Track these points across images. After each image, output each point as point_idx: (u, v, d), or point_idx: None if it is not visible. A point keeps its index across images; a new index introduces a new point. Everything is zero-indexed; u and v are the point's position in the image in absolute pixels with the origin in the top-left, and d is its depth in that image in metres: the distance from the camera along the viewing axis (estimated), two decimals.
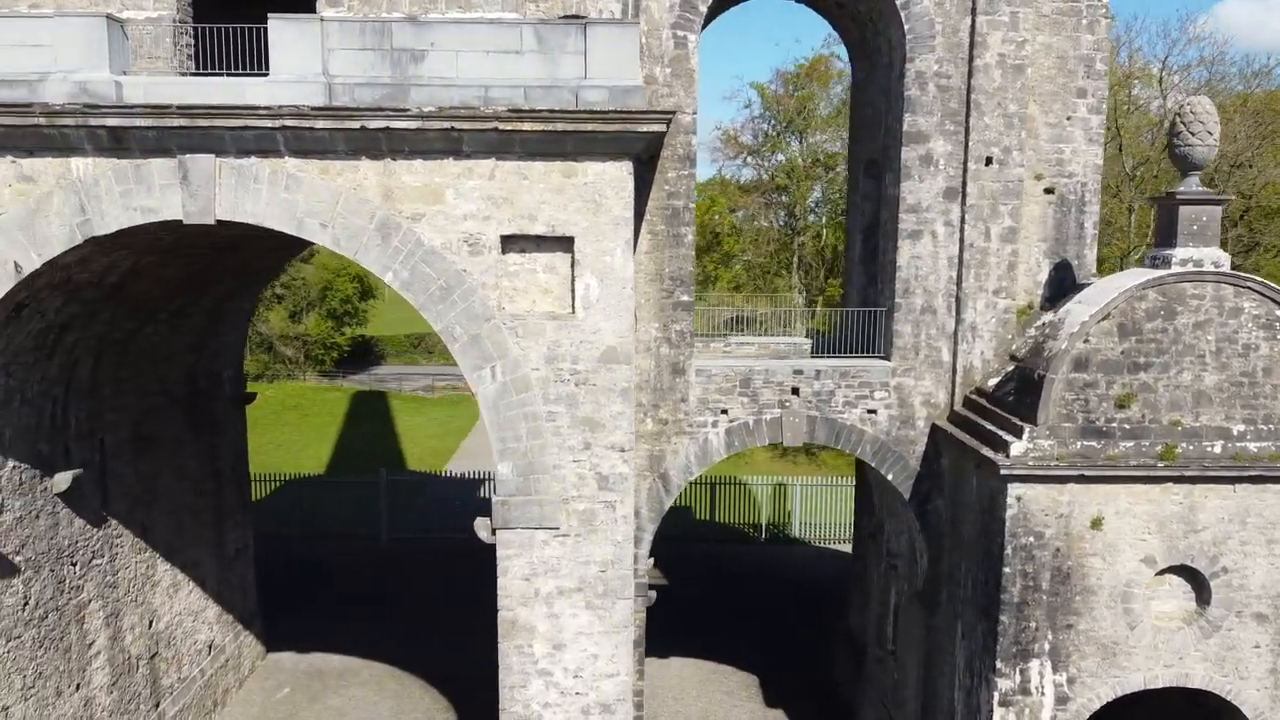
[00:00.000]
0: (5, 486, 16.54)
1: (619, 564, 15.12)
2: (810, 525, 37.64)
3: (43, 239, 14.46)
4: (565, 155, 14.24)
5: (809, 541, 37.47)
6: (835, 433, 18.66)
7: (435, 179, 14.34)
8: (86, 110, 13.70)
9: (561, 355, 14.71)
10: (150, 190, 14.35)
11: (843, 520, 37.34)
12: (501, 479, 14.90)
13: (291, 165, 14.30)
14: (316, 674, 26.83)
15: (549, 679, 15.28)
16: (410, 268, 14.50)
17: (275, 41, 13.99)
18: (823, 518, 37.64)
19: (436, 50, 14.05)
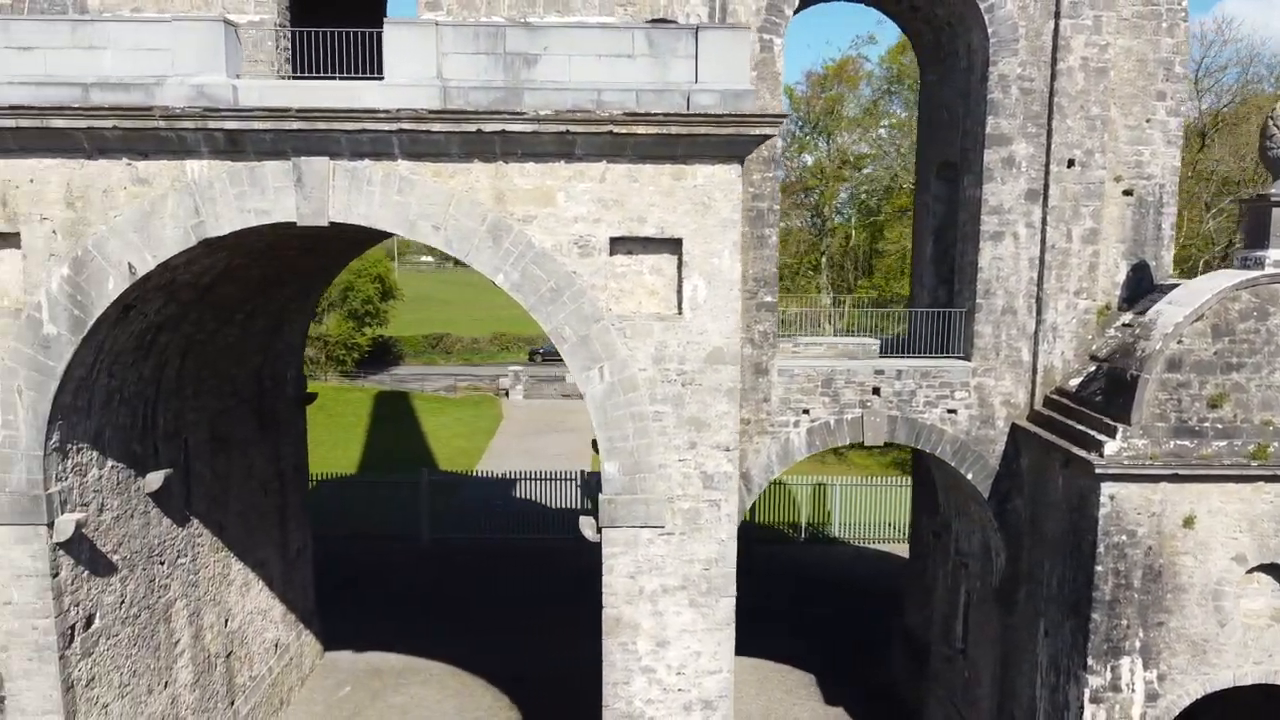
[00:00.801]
0: (105, 486, 16.69)
1: (722, 562, 15.29)
2: (849, 525, 37.80)
3: (157, 240, 14.61)
4: (676, 158, 14.41)
5: (848, 541, 37.64)
6: (915, 432, 18.83)
7: (547, 181, 14.50)
8: (206, 114, 13.85)
9: (668, 356, 14.87)
10: (264, 192, 14.50)
11: (881, 520, 37.57)
12: (608, 478, 15.06)
13: (404, 168, 14.45)
14: (375, 673, 26.98)
15: (652, 676, 15.44)
16: (521, 270, 14.66)
17: (390, 45, 14.14)
18: (862, 517, 37.82)
19: (549, 54, 14.21)
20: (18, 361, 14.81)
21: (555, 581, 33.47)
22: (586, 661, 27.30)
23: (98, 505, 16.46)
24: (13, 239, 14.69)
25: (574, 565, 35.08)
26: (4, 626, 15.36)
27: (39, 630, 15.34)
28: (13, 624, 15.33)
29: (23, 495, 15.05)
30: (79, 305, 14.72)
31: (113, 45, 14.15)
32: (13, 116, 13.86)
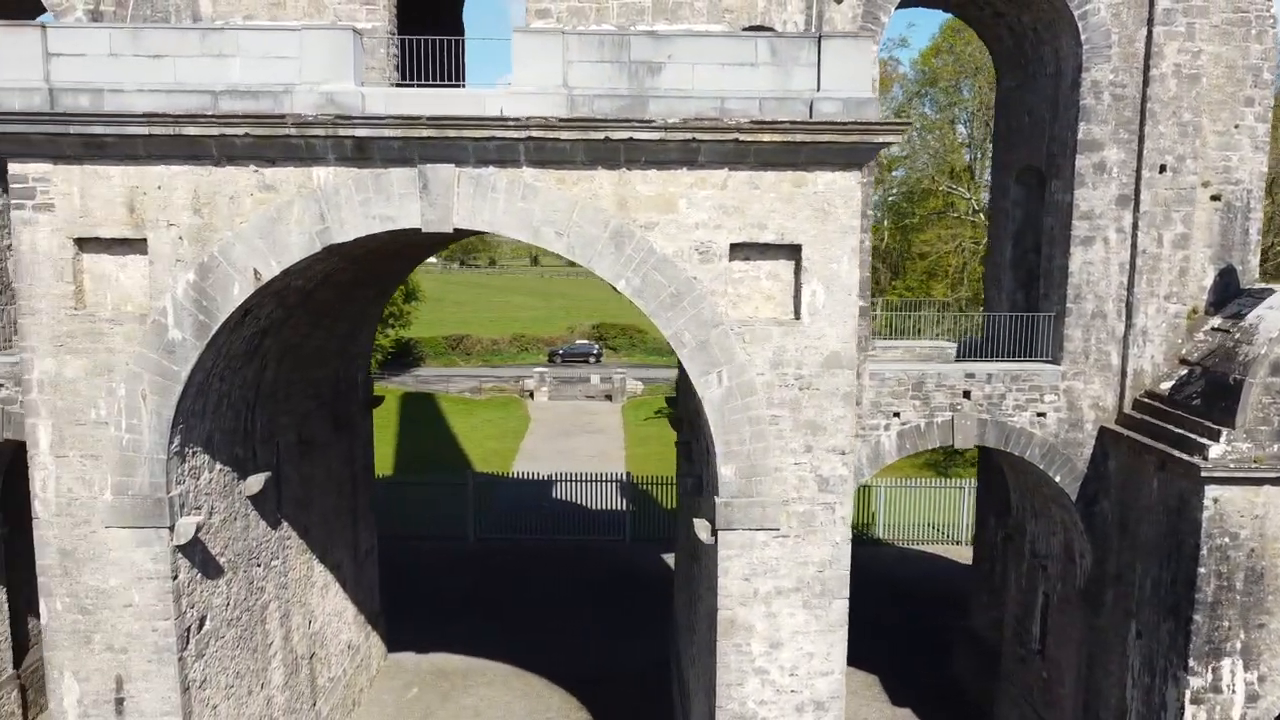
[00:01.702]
0: (214, 489, 16.84)
1: (837, 564, 15.45)
2: (892, 527, 37.99)
3: (282, 246, 14.76)
4: (797, 165, 14.57)
5: (891, 543, 37.81)
6: (1005, 435, 18.99)
7: (669, 188, 14.65)
8: (338, 121, 14.00)
9: (786, 360, 15.04)
10: (389, 199, 14.65)
11: (924, 521, 37.75)
12: (724, 481, 15.22)
13: (529, 175, 14.60)
14: (440, 674, 27.12)
15: (765, 677, 15.60)
16: (642, 275, 14.81)
17: (518, 53, 14.30)
18: (905, 519, 37.99)
19: (673, 63, 14.36)
20: (143, 366, 14.95)
21: (600, 582, 33.66)
22: (647, 662, 27.59)
23: (208, 508, 16.61)
24: (139, 245, 14.83)
25: (616, 566, 35.34)
26: (124, 629, 15.50)
27: (159, 632, 15.49)
28: (133, 626, 15.48)
29: (146, 498, 15.20)
30: (204, 310, 14.87)
31: (242, 53, 14.29)
32: (147, 124, 14.01)
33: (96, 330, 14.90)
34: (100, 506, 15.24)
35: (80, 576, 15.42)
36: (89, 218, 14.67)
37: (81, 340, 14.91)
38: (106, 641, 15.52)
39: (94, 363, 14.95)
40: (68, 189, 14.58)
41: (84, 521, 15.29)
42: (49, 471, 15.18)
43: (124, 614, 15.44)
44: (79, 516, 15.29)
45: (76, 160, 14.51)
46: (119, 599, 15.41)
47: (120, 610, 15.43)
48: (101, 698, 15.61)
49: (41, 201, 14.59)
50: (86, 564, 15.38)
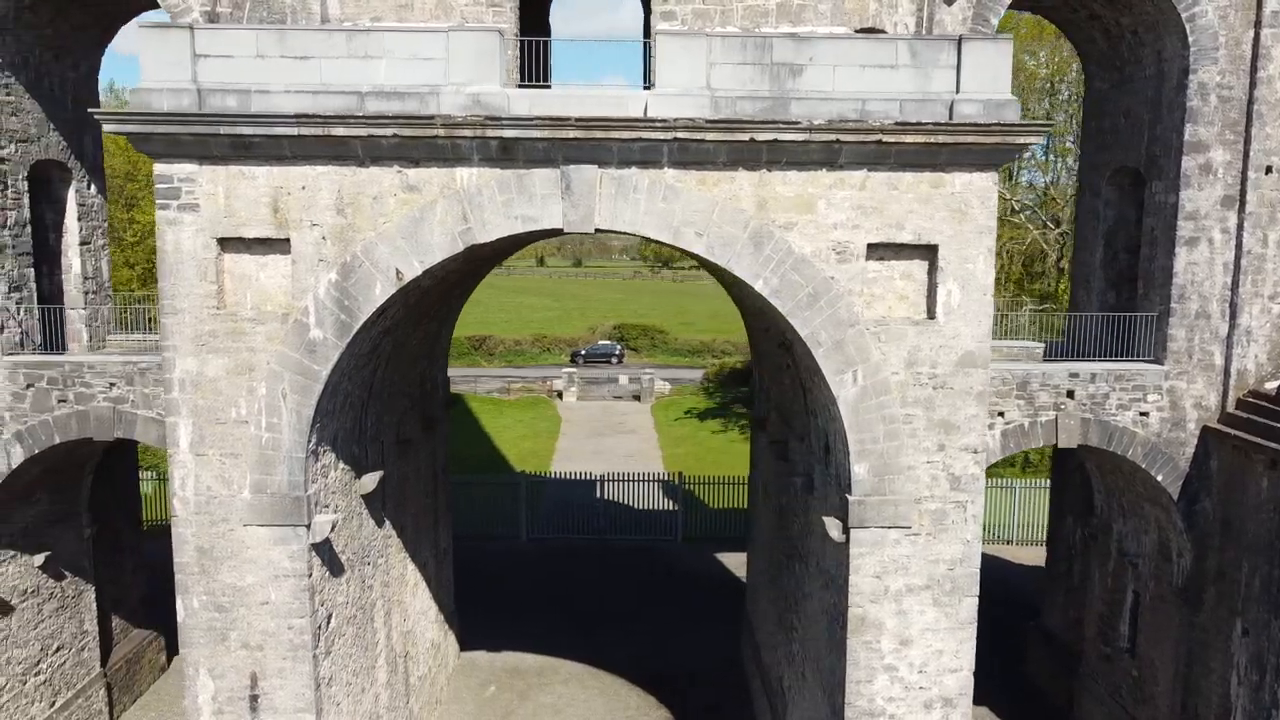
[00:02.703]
0: (337, 488, 16.96)
1: (967, 562, 15.58)
2: None
3: (425, 247, 14.87)
4: (936, 166, 14.71)
5: None
6: (1108, 435, 19.13)
7: (809, 189, 14.79)
8: (486, 122, 14.12)
9: (921, 360, 15.17)
10: (531, 199, 14.77)
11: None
12: (857, 480, 15.34)
13: (670, 176, 14.73)
14: (515, 672, 27.24)
15: (894, 674, 15.73)
16: (780, 276, 14.94)
17: (661, 55, 14.42)
18: None
19: (814, 65, 14.50)
20: (283, 365, 15.06)
21: (656, 582, 33.79)
22: (718, 660, 27.72)
23: (334, 507, 16.72)
24: (282, 245, 14.94)
25: (670, 566, 35.48)
26: (259, 626, 15.61)
27: (294, 630, 15.59)
28: (269, 624, 15.58)
29: (284, 497, 15.30)
30: (345, 310, 14.98)
31: (388, 55, 14.41)
32: (296, 125, 14.11)
33: (238, 330, 15.00)
34: (239, 505, 15.35)
35: (217, 574, 15.52)
36: (233, 218, 14.78)
37: (223, 339, 15.02)
38: (242, 639, 15.63)
39: (235, 362, 15.05)
40: (213, 189, 14.69)
41: (222, 520, 15.40)
42: (188, 470, 15.28)
43: (260, 611, 15.54)
44: (217, 515, 15.39)
45: (222, 161, 14.62)
46: (255, 596, 15.52)
47: (256, 608, 15.54)
48: (236, 695, 15.71)
49: (186, 201, 14.69)
50: (224, 562, 15.49)
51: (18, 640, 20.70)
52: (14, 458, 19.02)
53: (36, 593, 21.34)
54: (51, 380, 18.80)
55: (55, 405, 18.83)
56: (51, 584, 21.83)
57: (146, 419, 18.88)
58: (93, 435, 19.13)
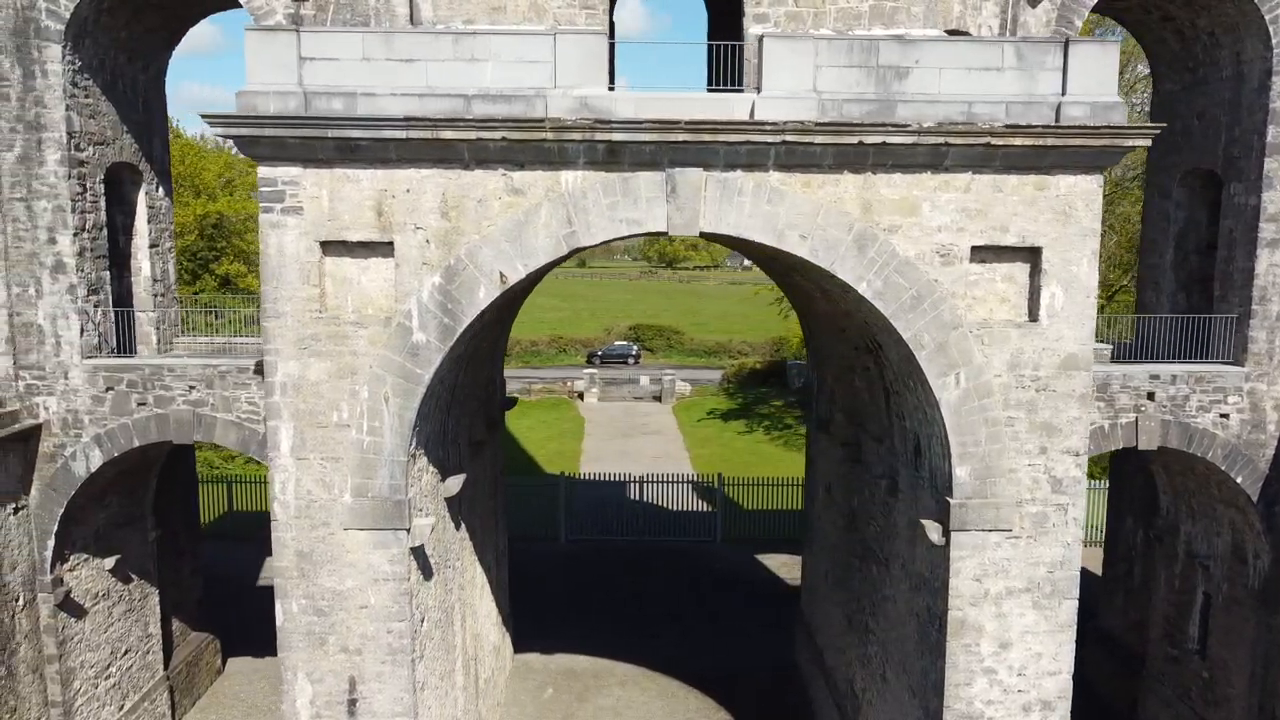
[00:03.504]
0: (427, 491, 16.92)
1: (1067, 565, 15.57)
2: None
3: (529, 250, 14.85)
4: (1041, 169, 14.69)
5: None
6: (1188, 437, 19.11)
7: (913, 192, 14.77)
8: (595, 125, 14.09)
9: (1023, 362, 15.15)
10: (636, 203, 14.75)
11: None
12: (958, 483, 15.32)
13: (775, 179, 14.71)
14: (570, 674, 27.20)
15: (993, 677, 15.71)
16: (884, 278, 14.92)
17: (769, 58, 14.40)
18: None
19: (920, 67, 14.48)
20: (386, 369, 15.03)
21: (700, 583, 33.77)
22: (773, 662, 27.70)
23: (426, 510, 16.69)
24: (385, 248, 14.91)
25: (711, 567, 35.47)
26: (359, 630, 15.57)
27: (393, 634, 15.56)
28: (368, 628, 15.55)
29: (385, 501, 15.27)
30: (449, 313, 14.95)
31: (494, 58, 14.38)
32: (405, 128, 14.08)
33: (341, 333, 14.97)
34: (339, 509, 15.31)
35: (317, 578, 15.49)
36: (337, 221, 14.74)
37: (325, 343, 14.99)
38: (341, 643, 15.60)
39: (338, 365, 15.02)
40: (316, 192, 14.65)
41: (322, 524, 15.36)
42: (289, 474, 15.25)
43: (359, 615, 15.51)
44: (317, 519, 15.36)
45: (326, 164, 14.58)
46: (355, 600, 15.49)
47: (356, 612, 15.51)
48: (334, 699, 15.68)
49: (290, 205, 14.66)
50: (323, 566, 15.45)
51: (90, 644, 20.67)
52: (93, 461, 18.98)
53: (107, 596, 21.31)
54: (131, 383, 18.76)
55: (135, 408, 18.80)
56: (120, 587, 21.79)
57: (226, 422, 18.84)
58: (172, 439, 19.10)
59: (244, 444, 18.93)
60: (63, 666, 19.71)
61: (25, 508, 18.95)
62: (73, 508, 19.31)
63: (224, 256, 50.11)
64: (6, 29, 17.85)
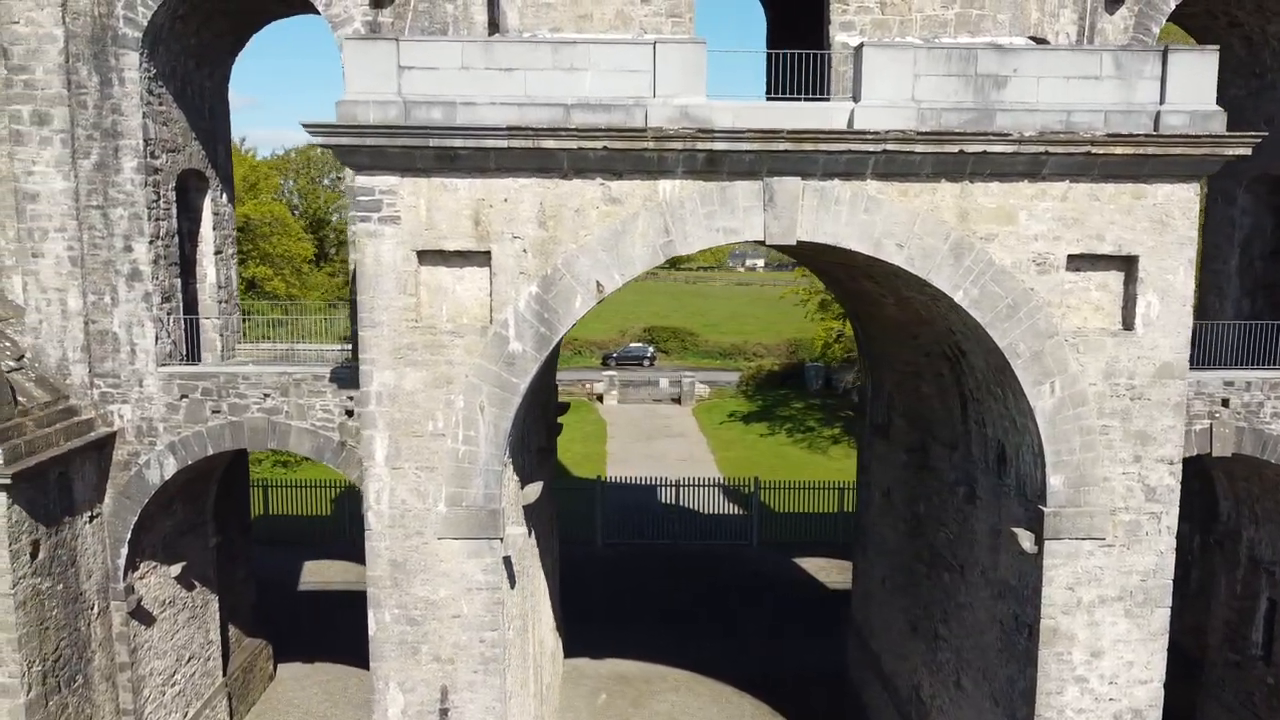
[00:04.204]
0: (512, 499, 16.90)
1: (1160, 573, 15.58)
2: None
3: (626, 259, 14.83)
4: (1139, 177, 14.69)
5: None
6: (1262, 444, 19.11)
7: (1010, 200, 14.77)
8: (697, 135, 14.07)
9: (1119, 370, 15.15)
10: (733, 212, 14.74)
11: None
12: (1052, 491, 15.32)
13: (873, 187, 14.70)
14: (622, 679, 27.19)
15: (1084, 685, 15.71)
16: (980, 287, 14.92)
17: (868, 67, 14.40)
18: None
19: (1018, 76, 14.48)
20: (482, 378, 15.01)
21: (742, 587, 33.73)
22: (824, 666, 27.69)
23: (512, 518, 16.66)
24: (481, 257, 14.90)
25: (751, 571, 35.45)
26: (451, 639, 15.56)
27: (486, 643, 15.55)
28: (460, 637, 15.53)
29: (480, 510, 15.26)
30: (545, 323, 14.94)
31: (593, 67, 14.37)
32: (507, 137, 14.06)
33: (437, 342, 14.95)
34: (433, 518, 15.30)
35: (410, 588, 15.47)
36: (434, 230, 14.73)
37: (421, 352, 14.97)
38: (433, 652, 15.58)
39: (433, 375, 15.00)
40: (414, 201, 14.64)
41: (416, 533, 15.34)
42: (383, 483, 15.23)
43: (452, 625, 15.50)
44: (411, 528, 15.34)
45: (424, 173, 14.57)
46: (448, 610, 15.47)
47: (448, 621, 15.49)
48: (425, 709, 15.67)
49: (388, 214, 14.64)
50: (417, 575, 15.44)
51: (158, 651, 20.65)
52: (167, 469, 18.96)
53: (172, 603, 21.29)
54: (206, 391, 18.74)
55: (209, 416, 18.78)
56: (184, 594, 21.78)
57: (300, 430, 18.82)
58: (246, 446, 19.10)
59: (318, 451, 18.91)
60: (134, 674, 19.69)
61: (99, 516, 18.92)
62: (144, 515, 19.28)
63: (249, 260, 50.07)
64: (84, 37, 17.82)
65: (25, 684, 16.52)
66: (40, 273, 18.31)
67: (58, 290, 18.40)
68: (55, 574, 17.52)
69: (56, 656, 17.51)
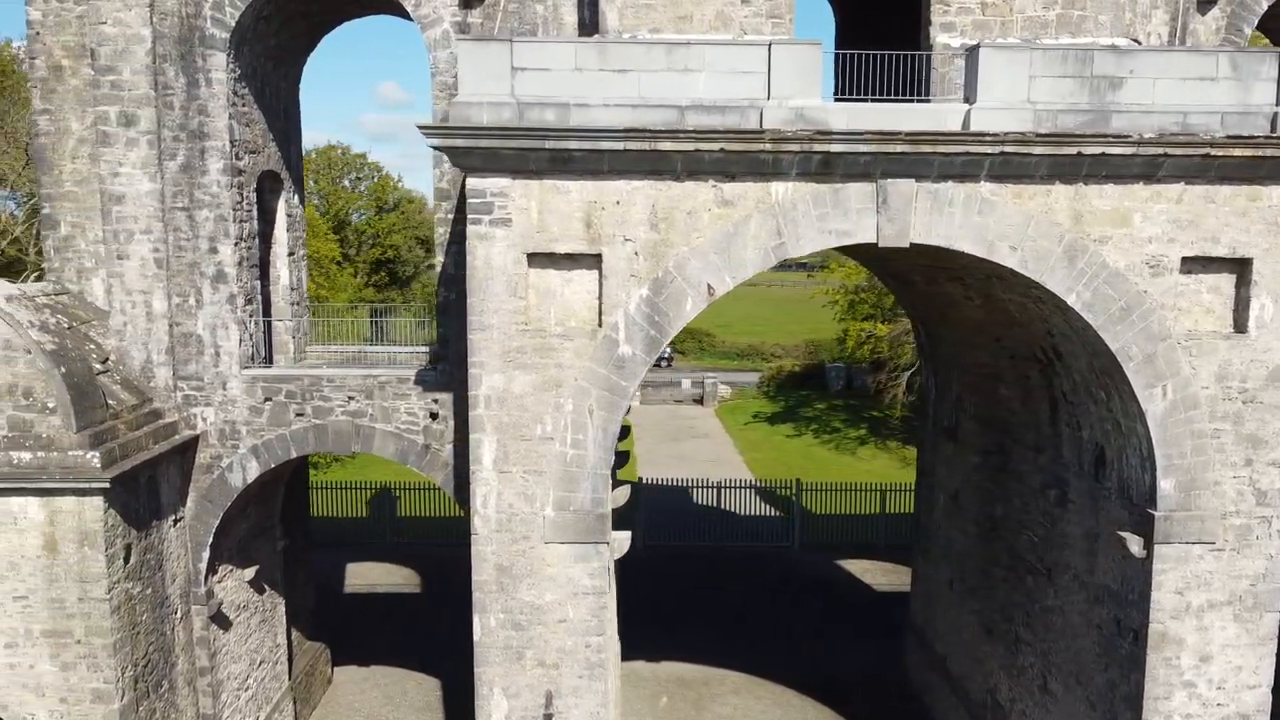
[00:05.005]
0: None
1: (1271, 577, 15.49)
2: None
3: (738, 262, 14.74)
4: (1254, 179, 14.61)
5: None
6: None
7: (1124, 203, 14.68)
8: (814, 137, 13.98)
9: (1231, 374, 15.07)
10: (846, 214, 14.64)
11: None
12: (1162, 495, 15.23)
13: (986, 190, 14.61)
14: (681, 682, 27.09)
15: (1192, 690, 15.63)
16: (1093, 289, 14.83)
17: (984, 69, 14.30)
18: None
19: (1134, 78, 14.39)
20: (591, 381, 14.91)
21: (787, 589, 33.61)
22: (880, 667, 27.59)
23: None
24: (589, 260, 14.79)
25: (795, 572, 35.35)
26: (556, 644, 15.45)
27: (591, 648, 15.45)
28: (565, 642, 15.43)
29: (588, 514, 15.16)
30: (655, 326, 14.84)
31: (707, 68, 14.27)
32: (624, 139, 13.96)
33: (546, 346, 14.84)
34: (540, 522, 15.19)
35: (516, 592, 15.36)
36: (545, 233, 14.62)
37: (531, 356, 14.86)
38: (538, 657, 15.47)
39: (542, 378, 14.89)
40: (525, 204, 14.53)
41: (523, 537, 15.24)
42: (491, 488, 15.12)
43: (557, 630, 15.39)
44: (518, 532, 15.23)
45: (536, 175, 14.46)
46: (553, 614, 15.37)
47: (554, 626, 15.39)
48: (529, 714, 15.56)
49: (499, 216, 14.53)
50: (523, 580, 15.33)
51: (233, 655, 20.53)
52: (249, 472, 18.86)
53: (245, 607, 21.18)
54: (290, 394, 18.63)
55: (293, 419, 18.67)
56: (256, 597, 21.67)
57: (384, 433, 18.72)
58: (330, 450, 19.00)
59: (402, 455, 18.80)
60: (214, 679, 19.58)
61: (182, 519, 18.81)
62: (224, 519, 19.17)
63: None
64: (171, 37, 17.71)
65: (119, 689, 16.40)
66: (125, 275, 18.19)
67: (142, 293, 18.27)
68: (144, 578, 17.40)
69: (145, 661, 17.40)
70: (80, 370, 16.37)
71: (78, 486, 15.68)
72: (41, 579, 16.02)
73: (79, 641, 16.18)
